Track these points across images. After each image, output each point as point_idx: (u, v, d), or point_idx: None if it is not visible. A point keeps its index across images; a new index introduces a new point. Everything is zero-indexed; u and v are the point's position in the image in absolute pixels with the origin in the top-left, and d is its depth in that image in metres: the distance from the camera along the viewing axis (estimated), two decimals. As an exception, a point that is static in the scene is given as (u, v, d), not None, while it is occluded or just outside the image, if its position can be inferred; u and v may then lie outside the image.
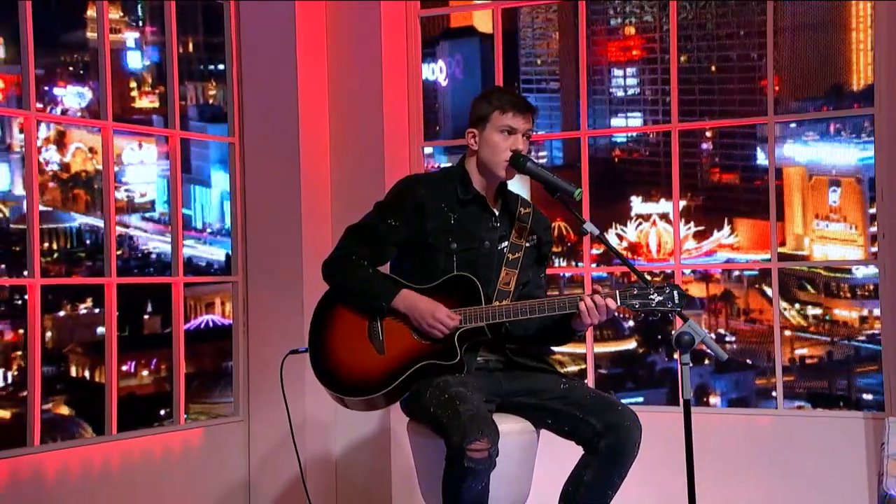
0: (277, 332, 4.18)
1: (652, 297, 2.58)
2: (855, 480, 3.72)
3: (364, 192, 4.25)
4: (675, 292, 2.57)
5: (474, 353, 2.76)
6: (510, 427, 2.64)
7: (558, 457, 2.73)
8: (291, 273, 4.20)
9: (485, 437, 2.40)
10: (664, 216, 8.90)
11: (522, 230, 2.86)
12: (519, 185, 3.02)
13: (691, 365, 2.56)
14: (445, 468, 2.47)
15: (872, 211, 7.90)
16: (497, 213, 2.86)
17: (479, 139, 2.80)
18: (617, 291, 2.63)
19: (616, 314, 2.73)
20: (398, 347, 2.71)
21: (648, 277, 2.73)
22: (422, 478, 2.84)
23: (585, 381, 3.11)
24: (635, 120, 9.42)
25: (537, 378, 2.79)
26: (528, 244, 2.87)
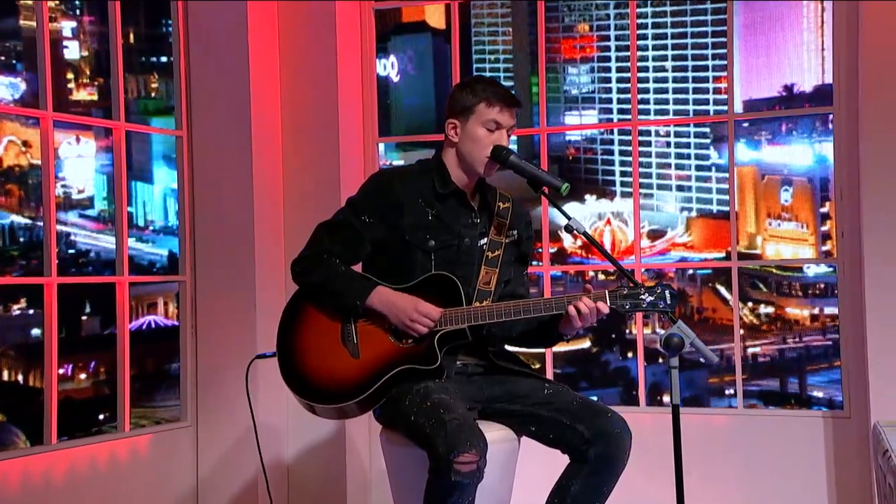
0: (227, 335, 4.13)
1: (643, 297, 2.51)
2: (814, 479, 3.83)
3: (318, 187, 4.23)
4: (667, 292, 2.50)
5: (452, 357, 2.65)
6: (492, 435, 2.55)
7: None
8: (243, 272, 4.15)
9: (473, 449, 2.29)
10: (618, 215, 8.89)
11: (501, 226, 2.77)
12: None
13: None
14: (429, 482, 2.35)
15: (823, 210, 7.98)
16: (476, 209, 2.79)
17: (460, 131, 2.70)
18: (606, 292, 2.54)
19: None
20: (374, 351, 2.58)
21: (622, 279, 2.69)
22: (398, 491, 2.73)
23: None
24: (590, 118, 9.40)
25: (519, 383, 2.71)
26: (507, 240, 2.79)
